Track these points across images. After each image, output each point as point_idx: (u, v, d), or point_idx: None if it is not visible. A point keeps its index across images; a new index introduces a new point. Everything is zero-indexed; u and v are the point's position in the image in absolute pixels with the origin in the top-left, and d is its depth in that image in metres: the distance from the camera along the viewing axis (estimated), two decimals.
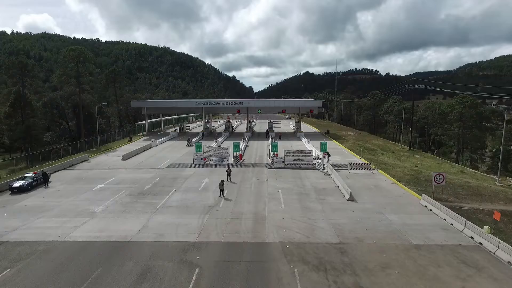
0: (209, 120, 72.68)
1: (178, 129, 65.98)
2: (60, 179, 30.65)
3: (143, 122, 63.77)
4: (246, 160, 38.84)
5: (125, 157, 39.95)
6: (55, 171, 33.59)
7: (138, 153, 43.61)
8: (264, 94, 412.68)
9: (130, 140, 55.19)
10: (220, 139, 53.21)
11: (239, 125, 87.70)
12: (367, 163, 32.92)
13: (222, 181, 24.60)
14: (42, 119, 69.09)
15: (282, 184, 27.90)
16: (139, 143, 53.37)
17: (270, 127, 65.93)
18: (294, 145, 50.39)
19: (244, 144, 48.17)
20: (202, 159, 36.65)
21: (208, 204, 22.98)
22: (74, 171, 34.05)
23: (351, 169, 32.47)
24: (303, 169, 33.74)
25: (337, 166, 34.05)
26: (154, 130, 70.70)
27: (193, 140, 53.22)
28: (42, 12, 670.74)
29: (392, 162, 37.13)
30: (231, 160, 36.90)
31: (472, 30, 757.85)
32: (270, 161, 37.41)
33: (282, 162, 34.39)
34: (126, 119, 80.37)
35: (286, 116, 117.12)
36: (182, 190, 26.45)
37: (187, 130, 70.42)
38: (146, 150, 46.56)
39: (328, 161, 34.89)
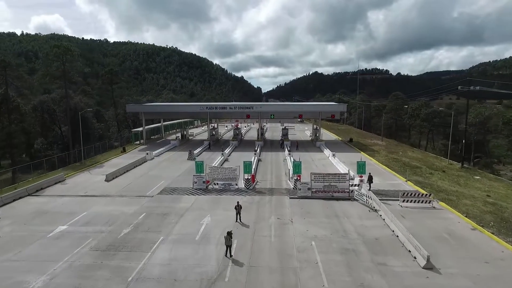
0: (215, 126, 64.74)
1: (179, 136, 58.17)
2: (13, 214, 22.95)
3: (140, 128, 56.13)
4: (260, 182, 30.69)
5: (110, 177, 32.19)
6: (14, 200, 25.99)
7: (128, 170, 35.85)
8: (272, 94, 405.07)
9: (124, 151, 47.58)
10: (227, 151, 45.19)
11: (249, 130, 79.61)
12: (426, 194, 24.38)
13: (230, 234, 16.44)
14: (31, 125, 62.56)
15: (314, 229, 19.66)
16: (132, 154, 45.68)
17: (285, 135, 57.68)
18: (315, 158, 42.11)
19: (256, 157, 40.05)
20: (204, 182, 28.65)
21: (207, 273, 14.89)
22: (38, 200, 26.34)
23: (403, 201, 24.03)
24: (336, 199, 25.44)
25: (380, 194, 25.72)
26: (153, 137, 63.10)
27: (195, 151, 45.30)
28: (53, 13, 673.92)
29: (451, 188, 28.52)
30: (241, 184, 28.79)
31: (486, 28, 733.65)
32: (291, 185, 29.23)
33: (309, 189, 26.13)
34: (124, 123, 73.02)
35: (299, 119, 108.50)
36: (172, 240, 18.43)
37: (190, 137, 62.53)
38: (139, 165, 38.77)
39: (370, 188, 26.52)
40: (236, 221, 20.86)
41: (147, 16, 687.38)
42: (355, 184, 27.00)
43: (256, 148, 45.25)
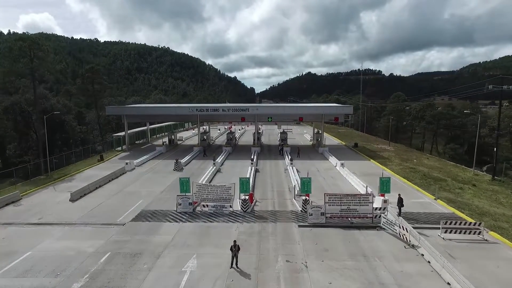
0: (206, 130, 59.07)
1: (167, 141, 52.25)
2: None
3: (122, 133, 50.07)
4: (260, 201, 25.18)
5: (76, 196, 26.34)
6: None
7: (100, 185, 29.98)
8: (265, 95, 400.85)
9: (101, 159, 41.57)
10: (219, 159, 39.52)
11: (243, 133, 73.99)
12: (475, 223, 19.09)
13: None
14: (3, 128, 56.44)
15: (340, 281, 14.25)
16: (111, 164, 39.77)
17: (284, 139, 52.27)
18: (321, 168, 36.78)
19: (253, 167, 34.56)
20: (190, 204, 23.08)
21: None
22: None
23: (445, 231, 18.75)
24: (358, 227, 20.11)
25: (410, 220, 20.59)
26: (139, 141, 57.08)
27: (184, 159, 39.59)
28: (42, 12, 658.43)
29: (495, 209, 23.40)
30: (237, 206, 23.34)
31: (476, 30, 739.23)
32: (298, 206, 23.81)
33: (322, 214, 20.74)
34: (107, 127, 66.81)
35: (299, 122, 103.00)
36: None
37: (179, 142, 56.73)
38: (115, 178, 32.92)
39: (400, 213, 21.21)
40: (232, 266, 15.36)
41: (140, 16, 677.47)
42: (379, 208, 21.67)
43: (252, 156, 39.73)
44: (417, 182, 30.37)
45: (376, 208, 21.31)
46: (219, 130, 74.19)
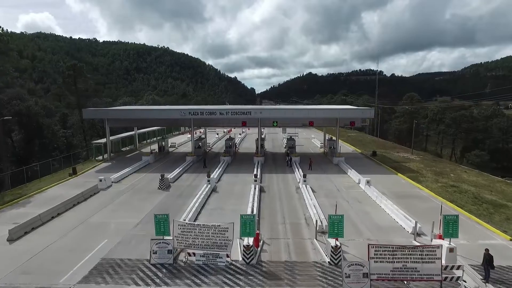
0: (202, 135, 52.12)
1: (156, 149, 45.22)
2: None
3: (104, 139, 43.01)
4: (269, 244, 18.17)
5: (18, 233, 19.33)
6: None
7: (59, 213, 22.97)
8: (266, 95, 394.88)
9: (74, 173, 34.53)
10: (215, 175, 32.43)
11: (244, 137, 66.82)
12: None
13: None
14: None
15: None
16: (84, 179, 32.76)
17: (291, 147, 45.29)
18: (341, 186, 29.74)
19: (257, 187, 27.47)
20: (169, 251, 16.12)
21: None
22: None
23: None
24: None
25: (495, 282, 13.62)
26: (125, 148, 50.01)
27: (172, 174, 32.59)
28: (42, 12, 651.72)
29: None
30: (237, 255, 16.36)
31: (478, 30, 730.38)
32: (323, 254, 16.83)
33: (365, 275, 13.75)
34: (91, 131, 59.87)
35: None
36: None
37: (171, 150, 49.73)
38: (84, 200, 25.91)
39: (488, 278, 14.14)
40: None
41: (140, 16, 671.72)
42: (450, 267, 14.60)
43: (255, 171, 32.63)
44: (470, 209, 23.38)
45: (447, 267, 14.28)
46: (217, 134, 67.11)
